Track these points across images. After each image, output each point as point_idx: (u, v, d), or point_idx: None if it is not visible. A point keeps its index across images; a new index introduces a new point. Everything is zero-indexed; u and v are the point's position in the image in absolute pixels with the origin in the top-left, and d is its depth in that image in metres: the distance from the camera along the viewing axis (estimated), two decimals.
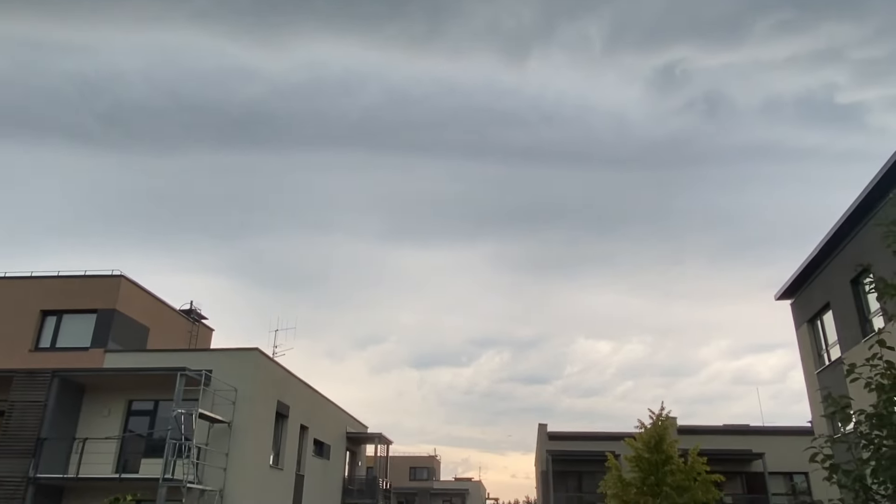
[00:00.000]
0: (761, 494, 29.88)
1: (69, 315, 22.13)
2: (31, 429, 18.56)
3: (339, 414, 30.35)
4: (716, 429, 33.03)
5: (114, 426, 19.85)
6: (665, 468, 16.40)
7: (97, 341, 21.35)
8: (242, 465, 19.38)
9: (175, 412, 17.77)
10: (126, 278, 22.55)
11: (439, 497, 66.42)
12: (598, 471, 25.94)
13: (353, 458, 32.80)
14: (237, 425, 19.57)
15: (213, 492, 18.54)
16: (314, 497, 25.62)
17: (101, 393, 20.34)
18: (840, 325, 17.36)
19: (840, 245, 17.15)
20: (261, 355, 21.54)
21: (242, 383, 20.00)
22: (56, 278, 22.65)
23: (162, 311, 24.79)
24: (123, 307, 22.16)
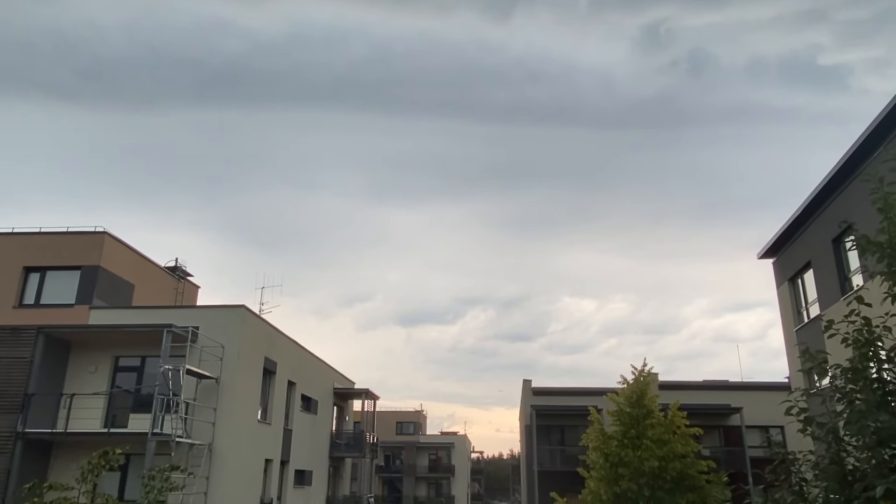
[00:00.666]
0: (738, 447, 30.80)
1: (53, 272, 21.97)
2: (18, 385, 18.61)
3: (327, 370, 30.65)
4: (696, 384, 33.78)
5: (101, 382, 19.94)
6: (646, 422, 16.80)
7: (82, 298, 21.26)
8: (231, 419, 19.61)
9: (162, 368, 17.87)
10: (110, 235, 22.34)
11: (425, 451, 67.81)
12: (580, 425, 26.54)
13: (341, 413, 33.29)
14: (225, 381, 19.73)
15: (203, 446, 18.79)
16: (302, 451, 26.07)
17: (88, 349, 20.36)
18: (820, 284, 17.67)
19: (823, 205, 17.32)
20: (247, 312, 21.58)
21: (229, 340, 20.09)
22: (39, 235, 22.40)
23: (147, 268, 24.66)
24: (107, 264, 22.01)
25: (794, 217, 18.61)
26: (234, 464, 19.64)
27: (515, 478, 79.63)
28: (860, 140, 14.48)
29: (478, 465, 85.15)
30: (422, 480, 66.32)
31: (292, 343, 25.83)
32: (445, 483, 66.52)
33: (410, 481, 65.37)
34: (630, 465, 16.01)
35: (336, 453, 30.77)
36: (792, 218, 18.75)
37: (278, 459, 23.61)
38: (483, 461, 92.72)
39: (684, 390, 29.55)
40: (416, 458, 66.46)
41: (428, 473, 66.57)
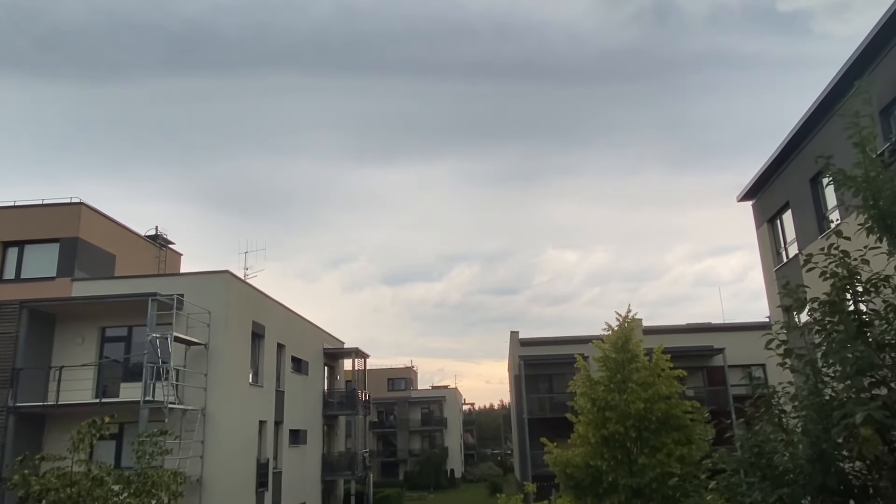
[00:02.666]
0: (721, 386, 31.66)
1: (31, 245, 21.66)
2: (5, 360, 18.54)
3: (315, 331, 30.80)
4: (679, 328, 34.49)
5: (89, 353, 19.90)
6: (631, 366, 17.15)
7: (63, 270, 21.02)
8: (222, 384, 19.74)
9: (149, 337, 17.85)
10: (86, 206, 21.98)
11: (417, 405, 68.92)
12: (567, 372, 27.02)
13: (332, 373, 33.62)
14: (213, 347, 19.78)
15: (195, 411, 18.94)
16: (296, 411, 26.38)
17: (73, 322, 20.25)
18: (798, 223, 17.90)
19: (800, 145, 17.41)
20: (232, 277, 21.51)
21: (215, 306, 20.06)
22: (14, 208, 21.98)
23: (127, 238, 24.36)
24: (86, 235, 21.71)
25: (772, 158, 18.71)
26: (228, 427, 19.84)
27: (506, 427, 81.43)
28: (836, 78, 14.48)
29: (469, 417, 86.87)
30: (415, 434, 67.61)
31: (279, 306, 25.85)
32: (438, 435, 67.87)
33: (404, 435, 66.62)
34: (616, 409, 16.39)
35: (329, 412, 31.19)
36: (770, 159, 18.86)
37: (272, 420, 23.90)
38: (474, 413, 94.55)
39: (668, 334, 30.15)
40: (408, 413, 67.59)
41: (421, 427, 67.83)
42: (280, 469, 24.13)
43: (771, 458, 5.89)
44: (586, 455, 16.60)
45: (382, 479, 54.52)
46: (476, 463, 74.37)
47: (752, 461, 6.06)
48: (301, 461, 26.79)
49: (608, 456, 16.19)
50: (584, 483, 16.57)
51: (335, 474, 30.56)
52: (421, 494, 53.53)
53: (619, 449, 16.31)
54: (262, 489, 22.04)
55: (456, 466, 66.57)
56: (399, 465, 65.27)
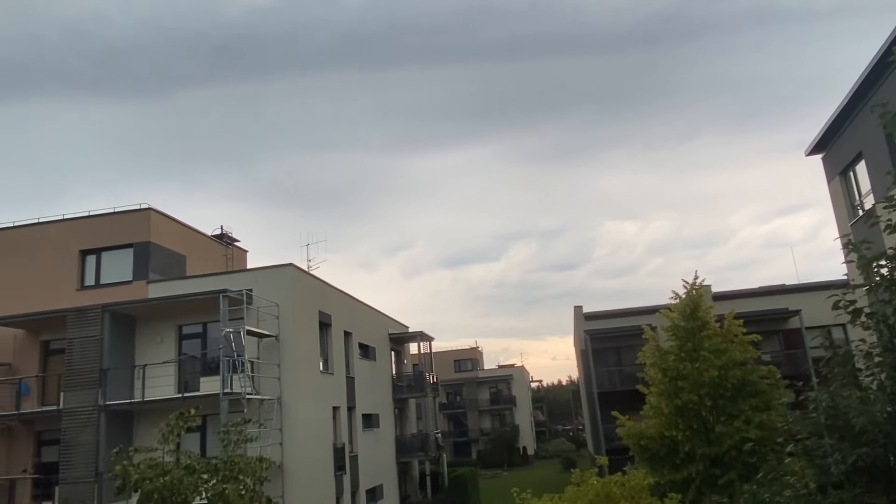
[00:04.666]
0: (799, 349, 30.51)
1: (107, 252, 22.77)
2: (93, 361, 19.60)
3: (380, 317, 31.31)
4: (750, 292, 33.30)
5: (168, 351, 20.83)
6: (701, 334, 16.72)
7: (138, 273, 22.04)
8: (294, 373, 20.35)
9: (223, 332, 18.54)
10: (155, 210, 22.91)
11: (485, 385, 69.30)
12: (635, 344, 26.60)
13: (399, 357, 34.15)
14: (284, 338, 20.39)
15: (272, 400, 19.62)
16: (367, 396, 26.97)
17: (152, 322, 21.22)
18: (873, 173, 16.94)
19: (870, 92, 16.42)
20: (296, 270, 22.05)
21: (282, 298, 20.63)
22: (89, 218, 23.12)
23: (195, 239, 25.30)
24: (157, 238, 22.66)
25: (841, 108, 17.72)
26: (304, 414, 20.47)
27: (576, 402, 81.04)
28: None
29: (538, 394, 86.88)
30: (485, 413, 68.08)
31: (343, 295, 26.38)
32: (508, 413, 68.13)
33: (474, 415, 67.18)
34: (689, 378, 16.05)
35: (399, 395, 31.74)
36: (838, 109, 17.86)
37: (345, 406, 24.51)
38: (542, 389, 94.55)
39: (739, 299, 29.24)
40: (476, 393, 68.07)
41: (490, 406, 68.22)
42: (356, 452, 24.77)
43: (847, 419, 5.67)
44: (660, 426, 16.35)
45: (455, 459, 55.25)
46: (548, 439, 74.32)
47: (829, 423, 5.85)
48: (375, 444, 27.42)
49: (683, 426, 15.90)
50: (660, 454, 16.34)
51: (409, 456, 31.15)
52: (495, 472, 53.95)
53: (694, 418, 15.99)
54: (340, 472, 22.70)
55: (528, 444, 66.74)
56: (471, 444, 65.94)
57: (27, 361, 21.77)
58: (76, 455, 18.96)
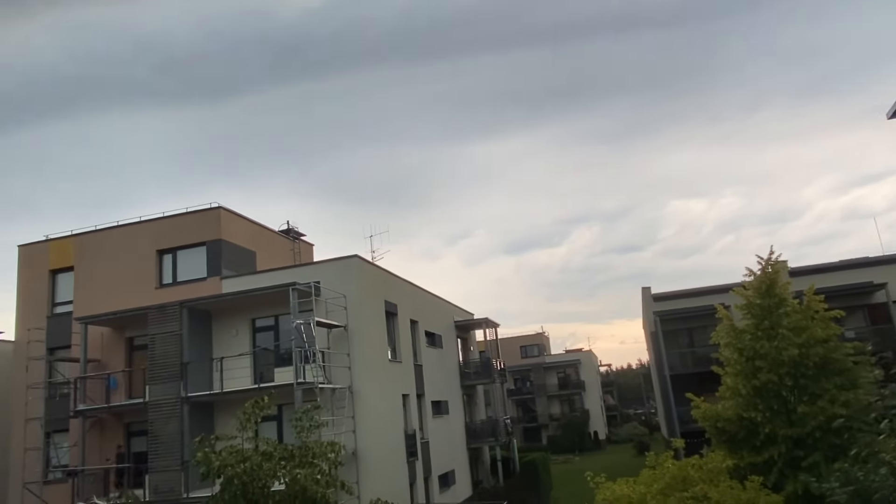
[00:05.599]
0: (887, 324, 28.89)
1: (182, 251, 23.73)
2: (174, 356, 20.53)
3: (445, 305, 31.49)
4: (831, 266, 31.67)
5: (243, 344, 21.58)
6: (779, 311, 16.04)
7: (212, 270, 22.89)
8: (364, 362, 20.73)
9: (294, 324, 19.05)
10: (224, 209, 23.70)
11: (553, 370, 68.85)
12: (708, 324, 25.82)
13: (465, 344, 34.30)
14: (352, 328, 20.79)
15: (343, 389, 20.08)
16: (435, 383, 27.23)
17: (226, 316, 22.03)
18: None
19: None
20: (361, 261, 22.41)
21: (349, 289, 21.02)
22: (164, 219, 24.14)
23: (263, 235, 26.07)
24: (228, 236, 23.46)
25: None
26: (374, 402, 20.85)
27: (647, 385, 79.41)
28: None
29: (607, 378, 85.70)
30: (554, 398, 67.68)
31: (408, 284, 26.65)
32: (577, 398, 67.50)
33: (543, 400, 66.90)
34: (767, 357, 15.44)
35: (467, 382, 31.90)
36: None
37: (414, 393, 24.82)
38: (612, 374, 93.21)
39: (818, 274, 27.90)
40: (544, 378, 67.73)
41: (559, 391, 67.76)
42: (427, 439, 25.07)
43: None
44: (738, 407, 15.81)
45: (526, 445, 55.16)
46: (619, 424, 73.27)
47: None
48: (446, 430, 27.68)
49: (762, 407, 15.33)
50: (739, 436, 15.82)
51: (479, 441, 31.31)
52: (566, 457, 53.63)
53: (774, 399, 15.38)
54: (412, 458, 23.03)
55: (599, 428, 65.99)
56: (541, 429, 65.73)
57: (114, 357, 23.02)
58: (163, 445, 19.96)
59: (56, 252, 25.08)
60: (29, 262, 25.37)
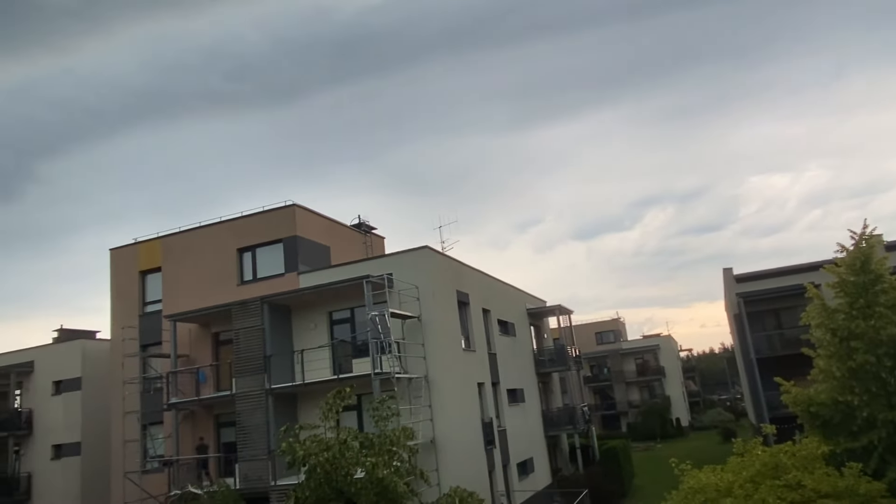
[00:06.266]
0: None
1: (260, 248, 24.56)
2: (257, 349, 21.32)
3: (516, 293, 31.31)
4: None
5: (321, 336, 22.17)
6: (875, 288, 15.01)
7: (289, 266, 23.60)
8: (438, 352, 20.90)
9: (370, 315, 19.41)
10: (299, 206, 24.36)
11: (630, 356, 67.37)
12: (796, 305, 24.58)
13: (538, 332, 34.02)
14: (425, 318, 20.97)
15: (419, 378, 20.31)
16: (510, 371, 27.15)
17: (305, 310, 22.66)
18: None
19: None
20: (431, 252, 22.55)
21: (421, 280, 21.20)
22: (242, 218, 25.05)
23: (336, 230, 26.65)
24: (303, 232, 24.10)
25: None
26: (450, 390, 21.00)
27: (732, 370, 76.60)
28: None
29: (688, 364, 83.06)
30: (632, 385, 66.28)
31: (479, 273, 26.63)
32: (657, 384, 65.85)
33: (621, 387, 65.64)
34: (863, 337, 14.50)
35: (542, 370, 31.65)
36: None
37: (489, 382, 24.83)
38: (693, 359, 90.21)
39: None
40: (622, 365, 66.40)
41: (637, 378, 66.30)
42: (504, 427, 25.06)
43: None
44: (832, 391, 14.93)
45: (605, 432, 54.33)
46: (703, 410, 70.97)
47: None
48: (522, 418, 27.57)
49: (859, 389, 14.42)
50: (834, 421, 14.95)
51: (557, 429, 31.03)
52: (648, 445, 52.46)
53: (872, 381, 14.43)
54: (489, 447, 23.08)
55: (681, 415, 64.17)
56: (620, 417, 64.55)
57: (202, 352, 24.14)
58: (250, 435, 20.80)
59: (144, 254, 26.49)
60: (120, 265, 26.90)
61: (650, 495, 28.68)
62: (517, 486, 25.05)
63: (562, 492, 28.07)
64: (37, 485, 30.05)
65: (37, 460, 30.36)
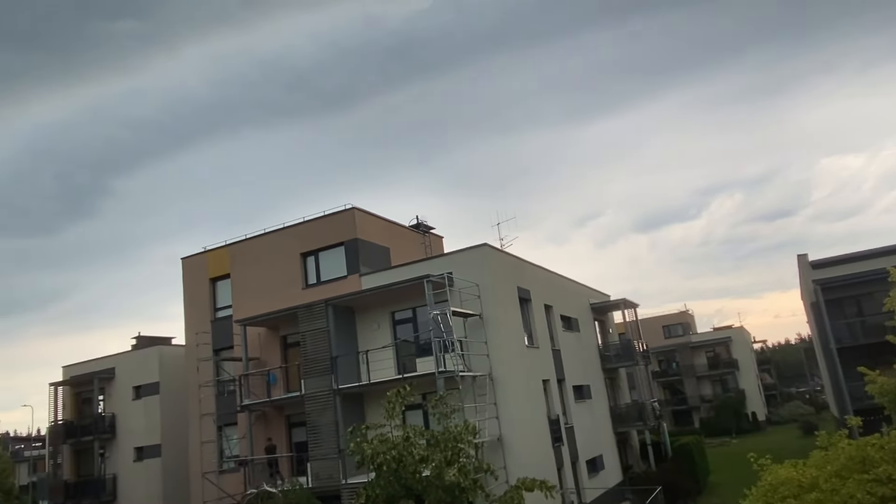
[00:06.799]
0: None
1: (323, 252, 25.01)
2: (324, 351, 21.73)
3: (579, 288, 30.84)
4: None
5: (385, 336, 22.39)
6: None
7: (351, 268, 23.94)
8: (501, 349, 20.78)
9: (431, 314, 19.49)
10: (358, 209, 24.69)
11: (700, 349, 65.38)
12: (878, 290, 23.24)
13: (603, 327, 33.41)
14: (487, 316, 20.89)
15: (483, 376, 20.24)
16: (575, 367, 26.76)
17: (368, 311, 22.96)
18: None
19: None
20: (490, 249, 22.45)
21: (481, 277, 21.13)
22: (304, 223, 25.58)
23: (395, 231, 26.88)
24: (363, 234, 24.41)
25: None
26: (515, 388, 20.85)
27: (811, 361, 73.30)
28: None
29: (763, 356, 79.89)
30: (703, 379, 64.29)
31: (539, 269, 26.36)
32: (730, 378, 63.66)
33: (692, 382, 63.79)
34: None
35: (608, 365, 31.06)
36: None
37: (554, 378, 24.54)
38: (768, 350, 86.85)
39: None
40: (692, 359, 64.51)
41: (708, 371, 64.28)
42: (571, 424, 24.71)
43: None
44: None
45: (676, 428, 52.88)
46: (780, 403, 68.17)
47: None
48: (590, 415, 27.13)
49: None
50: None
51: (626, 426, 30.40)
52: (722, 440, 50.82)
53: None
54: (557, 444, 22.80)
55: (757, 409, 61.86)
56: (692, 412, 62.70)
57: (271, 355, 24.80)
58: (320, 434, 21.23)
59: (214, 262, 27.43)
60: (191, 273, 27.95)
61: (728, 492, 27.71)
62: (587, 484, 24.67)
63: (634, 489, 27.48)
64: (121, 486, 31.61)
65: (121, 462, 31.94)
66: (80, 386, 34.01)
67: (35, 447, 63.16)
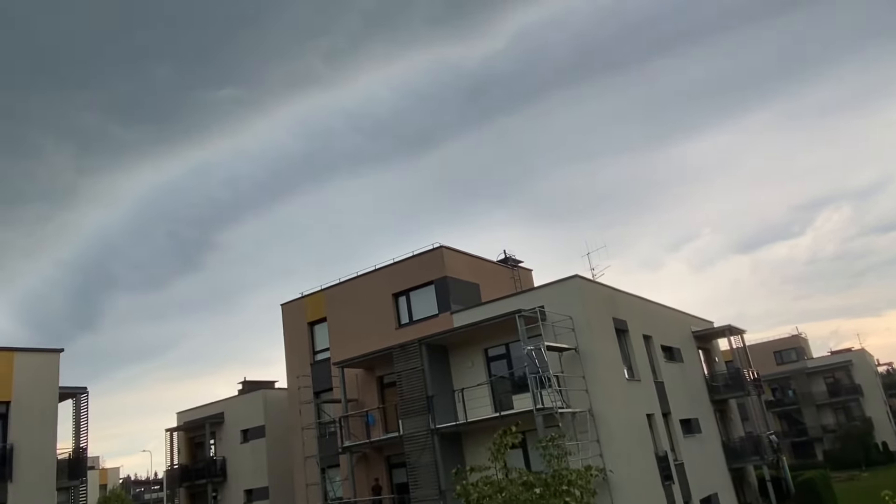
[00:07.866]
0: None
1: (413, 292, 25.34)
2: (419, 390, 21.78)
3: (678, 316, 29.55)
4: None
5: (479, 374, 22.19)
6: None
7: (442, 306, 24.07)
8: (600, 383, 20.09)
9: (525, 350, 19.15)
10: (445, 247, 24.92)
11: (818, 375, 60.69)
12: None
13: (708, 356, 31.73)
14: (583, 349, 20.32)
15: (583, 412, 19.59)
16: (680, 399, 25.47)
17: (461, 349, 22.89)
18: None
19: None
20: (582, 280, 21.95)
21: (574, 310, 20.65)
22: (394, 265, 26.08)
23: (483, 267, 26.86)
24: (452, 272, 24.55)
25: None
26: (617, 423, 20.03)
27: None
28: None
29: (889, 379, 73.30)
30: (824, 407, 59.51)
31: (635, 298, 25.49)
32: (854, 405, 58.58)
33: (810, 411, 59.19)
34: None
35: (716, 396, 29.37)
36: None
37: (659, 412, 23.42)
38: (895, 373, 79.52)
39: None
40: (809, 386, 59.98)
41: (829, 399, 59.45)
42: (681, 460, 23.42)
43: None
44: None
45: (797, 462, 49.10)
46: None
47: None
48: (700, 450, 25.63)
49: None
50: None
51: (742, 461, 28.47)
52: (851, 474, 46.59)
53: None
54: (667, 482, 21.62)
55: (888, 438, 56.41)
56: (813, 443, 58.01)
57: (369, 395, 25.14)
58: (420, 475, 21.14)
59: (311, 306, 28.34)
60: (290, 318, 28.97)
61: None
62: None
63: None
64: None
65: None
66: (192, 430, 35.73)
67: (154, 490, 66.73)
